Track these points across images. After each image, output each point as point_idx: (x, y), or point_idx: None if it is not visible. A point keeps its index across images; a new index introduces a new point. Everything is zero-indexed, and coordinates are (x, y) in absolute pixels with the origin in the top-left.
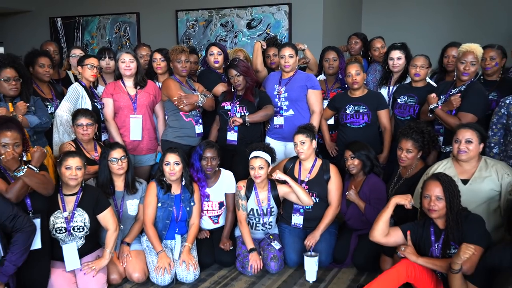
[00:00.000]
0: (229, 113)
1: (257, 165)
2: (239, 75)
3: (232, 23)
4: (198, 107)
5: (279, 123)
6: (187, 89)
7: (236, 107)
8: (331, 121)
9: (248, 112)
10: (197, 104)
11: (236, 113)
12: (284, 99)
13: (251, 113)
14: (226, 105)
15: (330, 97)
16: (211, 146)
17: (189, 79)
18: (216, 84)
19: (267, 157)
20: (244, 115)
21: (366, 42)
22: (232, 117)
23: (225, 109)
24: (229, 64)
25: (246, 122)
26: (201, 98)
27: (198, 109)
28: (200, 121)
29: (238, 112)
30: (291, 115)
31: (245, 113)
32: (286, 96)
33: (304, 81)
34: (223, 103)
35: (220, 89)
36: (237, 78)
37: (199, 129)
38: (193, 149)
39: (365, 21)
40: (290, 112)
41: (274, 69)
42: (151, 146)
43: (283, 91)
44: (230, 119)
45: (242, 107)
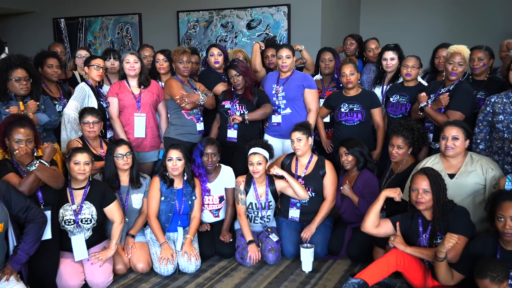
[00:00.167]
0: (229, 111)
1: (255, 161)
2: (239, 75)
3: (232, 23)
4: (199, 105)
5: (277, 121)
6: (188, 88)
7: (235, 105)
8: (327, 119)
9: (247, 111)
10: (198, 102)
11: (235, 111)
12: (281, 98)
13: (250, 112)
14: (226, 103)
15: (326, 96)
16: (211, 143)
17: (190, 79)
18: (217, 84)
19: (265, 153)
20: (244, 114)
21: (361, 43)
22: (232, 115)
23: (225, 107)
24: (229, 65)
25: (246, 120)
26: (202, 97)
27: (199, 108)
28: (201, 119)
29: (238, 110)
30: (288, 113)
31: (244, 111)
32: (284, 95)
33: (301, 80)
34: (223, 102)
35: (220, 88)
36: (236, 78)
37: (200, 126)
38: (194, 146)
39: (363, 21)
40: (288, 111)
41: (272, 69)
42: (154, 143)
43: (280, 90)
44: (230, 117)
45: (241, 106)
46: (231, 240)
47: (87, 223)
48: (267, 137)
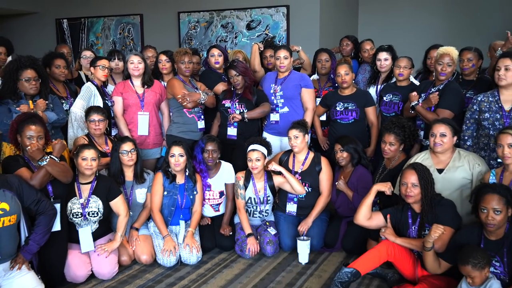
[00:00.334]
0: (229, 110)
1: (254, 157)
2: (238, 75)
3: (232, 24)
4: (200, 104)
5: (275, 119)
6: (190, 88)
7: (235, 104)
8: (323, 117)
9: (246, 109)
10: (199, 101)
11: (235, 110)
12: (279, 97)
13: (249, 110)
14: (226, 102)
15: (322, 95)
16: (212, 140)
17: (192, 79)
18: (217, 83)
19: (263, 150)
20: (243, 112)
21: (356, 44)
22: (232, 113)
23: (225, 106)
24: (229, 65)
25: (245, 118)
26: (203, 96)
27: (200, 106)
28: (202, 117)
29: (238, 109)
30: (286, 112)
31: (243, 110)
32: (282, 94)
33: (298, 80)
34: (223, 101)
35: (221, 88)
36: (236, 78)
37: (201, 124)
38: (195, 143)
39: (361, 21)
40: (285, 109)
41: (270, 69)
42: (157, 141)
43: (278, 90)
44: (230, 116)
45: (241, 105)
46: (231, 233)
47: (94, 216)
48: (265, 134)
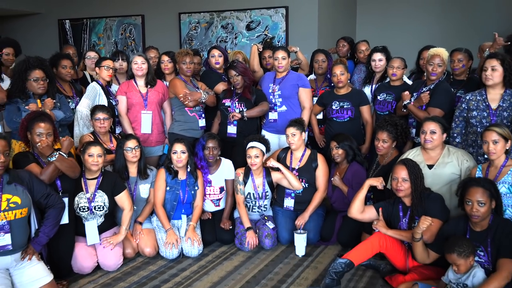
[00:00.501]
0: (229, 109)
1: (253, 154)
2: (238, 75)
3: (232, 25)
4: (201, 103)
5: (274, 117)
6: (191, 87)
7: (235, 103)
8: (320, 116)
9: (246, 108)
10: (200, 100)
11: (235, 109)
12: (278, 96)
13: (248, 109)
14: (226, 101)
15: (319, 95)
16: (212, 138)
17: (193, 79)
18: (217, 83)
19: (262, 147)
20: (243, 111)
21: (352, 45)
22: (231, 112)
23: (225, 105)
24: (229, 65)
25: (244, 117)
26: (204, 95)
27: (201, 105)
28: (203, 115)
29: (237, 108)
30: (284, 110)
31: (243, 109)
32: (280, 94)
33: (296, 80)
34: (223, 100)
35: (221, 87)
36: (236, 78)
37: (202, 122)
38: (196, 141)
39: (359, 22)
40: (283, 108)
41: (269, 70)
42: (159, 139)
43: (277, 89)
44: (230, 114)
45: (240, 104)
46: (230, 227)
47: (100, 210)
48: (264, 132)
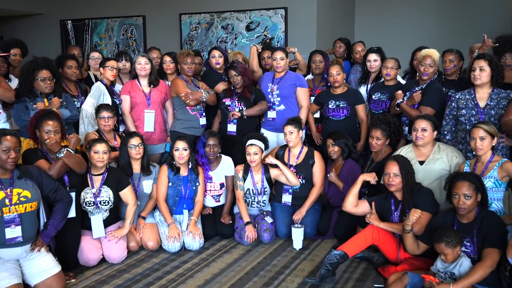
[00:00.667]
0: (229, 108)
1: (252, 151)
2: (238, 75)
3: (232, 25)
4: (202, 102)
5: (272, 116)
6: (192, 87)
7: (235, 102)
8: (317, 114)
9: (245, 107)
10: (201, 99)
11: (235, 108)
12: (276, 95)
13: (248, 108)
14: (226, 101)
15: (316, 94)
16: (213, 135)
17: (194, 78)
18: (218, 83)
19: (261, 144)
20: (242, 110)
21: (349, 46)
22: (231, 111)
23: (225, 104)
24: (229, 66)
25: (244, 115)
26: (204, 95)
27: (202, 104)
28: (204, 114)
29: (237, 107)
30: (282, 109)
31: (242, 108)
32: (278, 93)
33: (294, 80)
34: (223, 99)
35: (221, 87)
36: (236, 78)
37: (203, 121)
38: (197, 138)
39: (358, 22)
40: (282, 107)
41: (268, 70)
42: (161, 137)
43: (275, 89)
44: (230, 113)
45: (240, 103)
46: (230, 222)
47: (105, 205)
48: (263, 131)
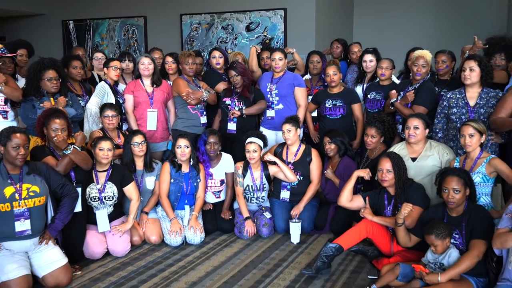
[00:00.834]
0: (229, 107)
1: (251, 149)
2: (238, 75)
3: (232, 26)
4: (202, 101)
5: (271, 115)
6: (193, 86)
7: (235, 102)
8: (315, 113)
9: (245, 106)
10: (202, 99)
11: (235, 107)
12: (275, 95)
13: (247, 107)
14: (226, 100)
15: (314, 93)
16: (214, 133)
17: (195, 78)
18: (218, 83)
19: (260, 142)
20: (242, 109)
21: (346, 47)
22: (231, 110)
23: (225, 103)
24: (229, 66)
25: (243, 114)
26: (205, 94)
27: (202, 103)
28: (205, 113)
29: (237, 106)
30: (281, 108)
31: (242, 107)
32: (277, 93)
33: (292, 80)
34: (224, 98)
35: (221, 86)
36: (236, 78)
37: (203, 119)
38: (198, 136)
39: (356, 22)
40: (280, 106)
41: (267, 70)
42: (164, 136)
43: (274, 89)
44: (230, 112)
45: (240, 102)
46: (230, 217)
47: (109, 200)
48: (262, 129)
